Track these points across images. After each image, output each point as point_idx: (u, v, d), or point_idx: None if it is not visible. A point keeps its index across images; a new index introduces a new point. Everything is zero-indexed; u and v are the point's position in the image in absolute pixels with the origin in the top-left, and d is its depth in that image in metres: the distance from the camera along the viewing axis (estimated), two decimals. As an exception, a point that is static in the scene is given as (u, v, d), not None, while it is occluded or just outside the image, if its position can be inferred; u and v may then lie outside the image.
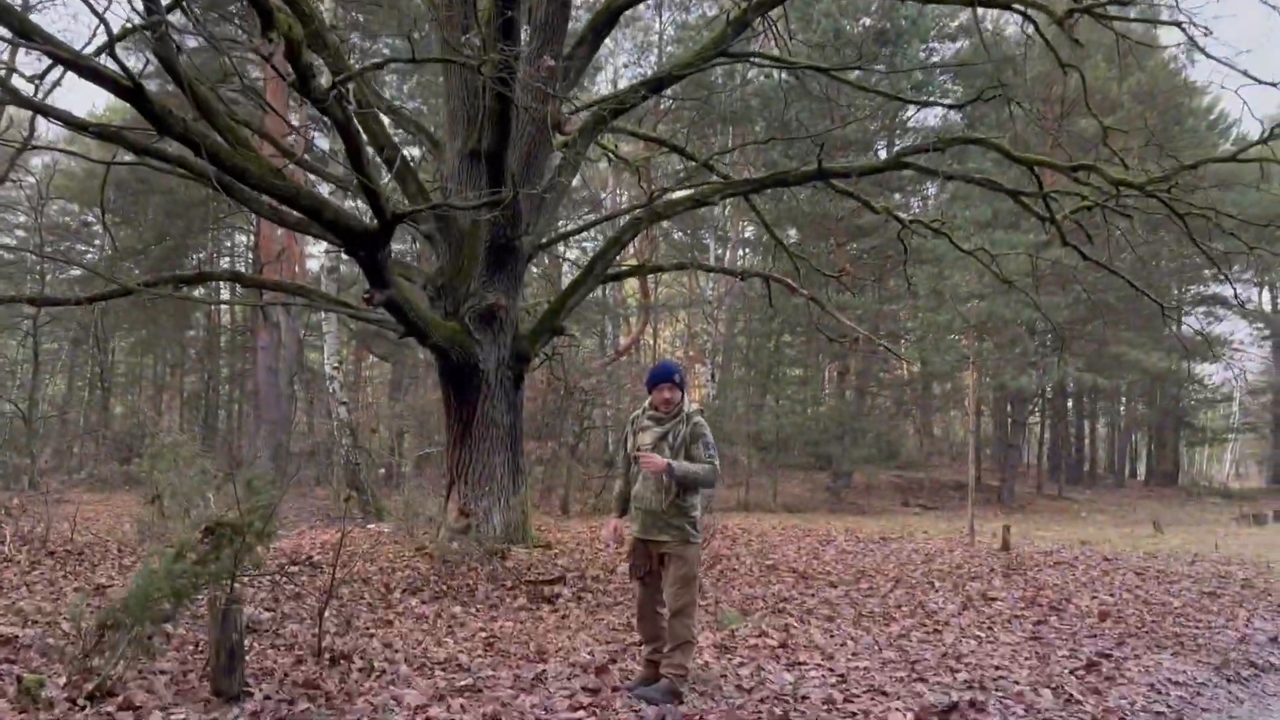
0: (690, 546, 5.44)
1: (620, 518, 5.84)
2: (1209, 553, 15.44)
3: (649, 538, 5.48)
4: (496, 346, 10.73)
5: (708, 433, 5.52)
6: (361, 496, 16.95)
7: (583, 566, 10.44)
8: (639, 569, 5.60)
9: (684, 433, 5.43)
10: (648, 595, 5.62)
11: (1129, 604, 9.43)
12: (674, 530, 5.40)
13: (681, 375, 5.66)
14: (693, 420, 5.48)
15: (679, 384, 5.55)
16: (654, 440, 5.48)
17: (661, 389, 5.50)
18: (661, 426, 5.47)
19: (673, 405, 5.49)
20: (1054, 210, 11.20)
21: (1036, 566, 12.15)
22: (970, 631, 7.79)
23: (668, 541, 5.41)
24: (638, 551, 5.59)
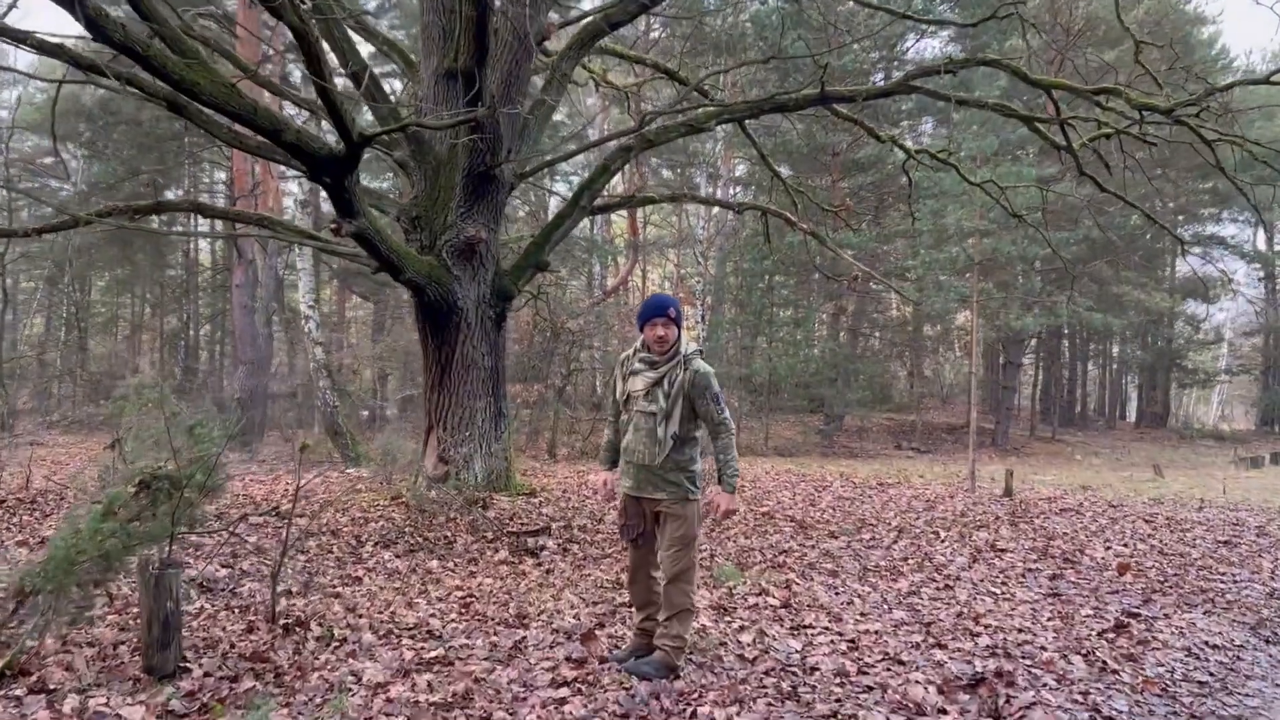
0: (689, 504, 4.80)
1: (610, 470, 5.19)
2: (1215, 498, 15.03)
3: (642, 494, 4.87)
4: (476, 283, 10.04)
5: (714, 383, 4.82)
6: (340, 440, 16.34)
7: (569, 515, 9.87)
8: (631, 529, 4.98)
9: (682, 379, 4.77)
10: (640, 557, 5.03)
11: (1146, 555, 8.93)
12: (670, 486, 4.78)
13: (678, 309, 4.90)
14: (693, 366, 4.78)
15: (675, 319, 4.82)
16: (646, 386, 4.83)
17: (655, 325, 4.79)
18: (655, 370, 4.82)
19: (667, 345, 4.80)
20: (1071, 138, 10.48)
21: (1042, 514, 11.66)
22: (984, 588, 7.26)
23: (663, 499, 4.80)
24: (629, 509, 4.97)
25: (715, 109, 10.65)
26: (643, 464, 4.81)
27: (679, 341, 4.85)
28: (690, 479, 4.81)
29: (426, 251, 9.90)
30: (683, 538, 4.79)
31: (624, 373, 4.99)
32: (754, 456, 20.60)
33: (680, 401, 4.74)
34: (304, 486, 12.09)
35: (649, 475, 4.80)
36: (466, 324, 9.96)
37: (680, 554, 4.79)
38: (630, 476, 4.92)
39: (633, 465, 4.88)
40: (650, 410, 4.79)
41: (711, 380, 4.78)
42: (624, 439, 4.94)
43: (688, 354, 4.83)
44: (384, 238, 8.95)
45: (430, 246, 9.92)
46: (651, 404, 4.77)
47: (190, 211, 9.77)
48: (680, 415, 4.75)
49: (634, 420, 4.87)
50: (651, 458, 4.76)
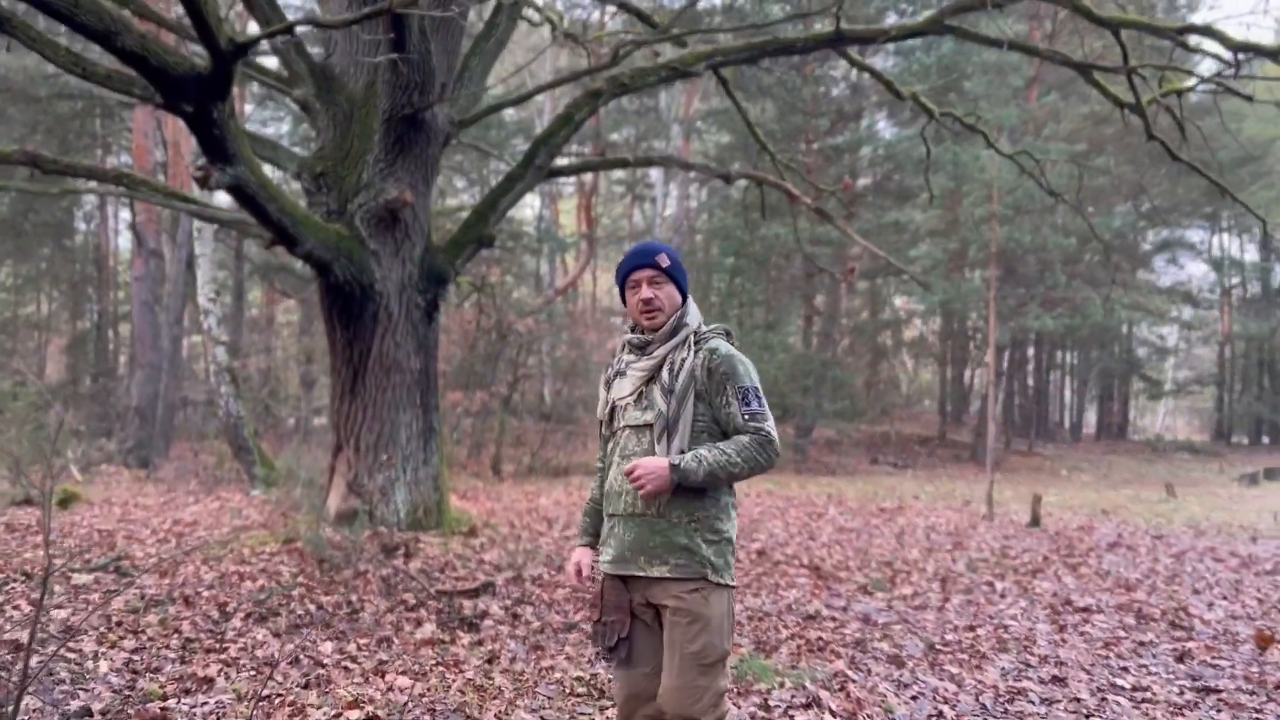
0: (713, 593, 2.79)
1: (589, 546, 3.19)
2: (1247, 522, 13.24)
3: (629, 572, 2.88)
4: (400, 261, 7.76)
5: (743, 368, 2.85)
6: (245, 457, 13.87)
7: (519, 561, 7.62)
8: (609, 633, 2.92)
9: (692, 365, 2.85)
10: (633, 685, 2.92)
11: (1259, 613, 6.93)
12: (679, 556, 2.79)
13: (675, 258, 3.01)
14: (709, 345, 2.88)
15: (671, 273, 2.95)
16: (636, 386, 2.92)
17: (637, 284, 2.95)
18: (647, 358, 2.92)
19: (661, 315, 2.93)
20: (1140, 92, 8.53)
21: (1089, 550, 9.67)
22: (1101, 676, 5.17)
23: (666, 580, 2.80)
24: (609, 599, 2.95)
25: (706, 50, 8.48)
26: (631, 514, 2.85)
27: (684, 310, 2.95)
28: (715, 545, 2.81)
29: (335, 218, 7.60)
30: (699, 655, 2.74)
31: (607, 378, 3.07)
32: (724, 474, 18.51)
33: (690, 401, 2.81)
34: (189, 518, 9.72)
35: (642, 535, 2.82)
36: (387, 313, 7.68)
37: (694, 686, 2.73)
38: (613, 542, 2.93)
39: (618, 520, 2.91)
40: (643, 422, 2.87)
41: (739, 366, 2.83)
42: (607, 481, 2.97)
43: (701, 332, 2.94)
44: (273, 194, 6.64)
45: (340, 211, 7.62)
46: (645, 411, 2.87)
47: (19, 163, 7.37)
48: (692, 426, 2.82)
49: (621, 444, 2.93)
50: (652, 501, 2.78)
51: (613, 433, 2.95)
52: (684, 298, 2.96)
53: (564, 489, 14.88)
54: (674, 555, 2.75)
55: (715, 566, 2.76)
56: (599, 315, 23.54)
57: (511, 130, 18.57)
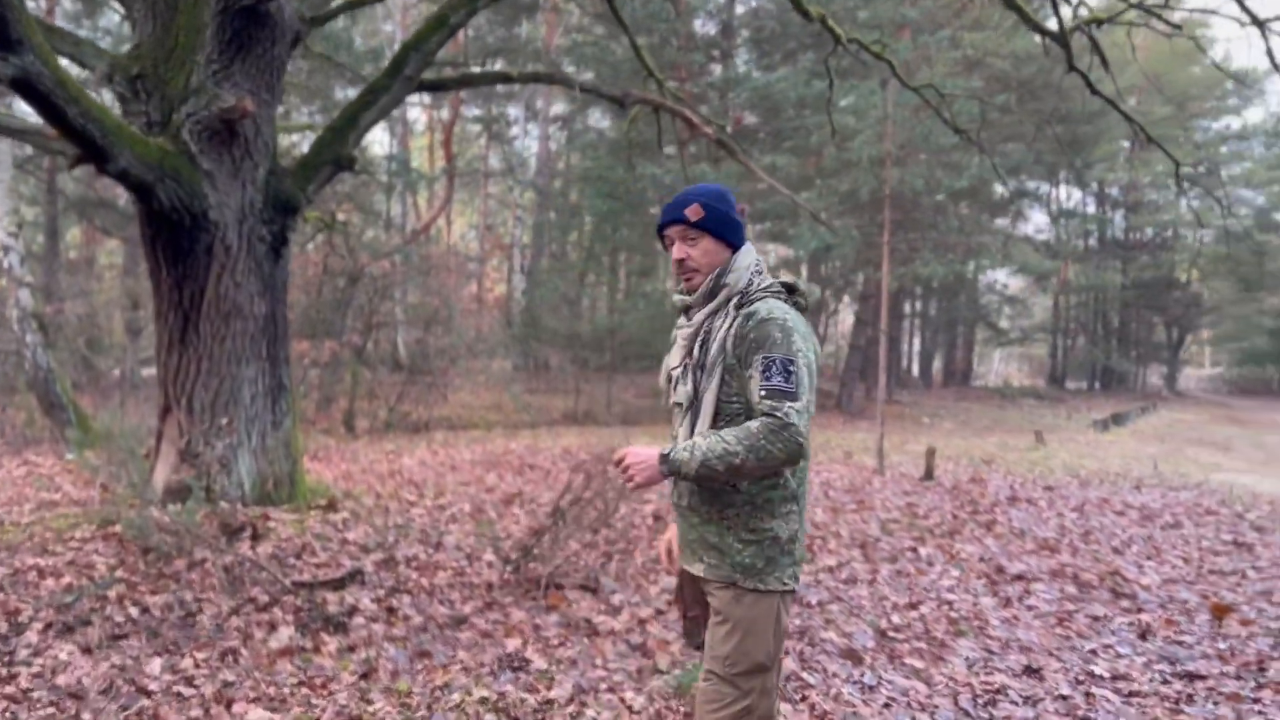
0: (747, 595, 2.49)
1: None
2: (1120, 468, 13.36)
3: (682, 565, 2.75)
4: (240, 184, 6.46)
5: (780, 334, 2.38)
6: (58, 416, 12.13)
7: (390, 541, 6.56)
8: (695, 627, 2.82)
9: (724, 335, 2.46)
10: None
11: (1202, 576, 6.58)
12: (710, 554, 2.55)
13: (715, 207, 2.54)
14: (751, 308, 2.44)
15: (708, 225, 2.53)
16: (681, 357, 2.58)
17: (671, 240, 2.59)
18: (689, 325, 2.58)
19: (698, 275, 2.55)
20: (1064, 18, 7.97)
21: (992, 504, 9.29)
22: (1070, 660, 4.59)
23: (703, 580, 2.60)
24: (688, 590, 2.82)
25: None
26: (679, 505, 2.66)
27: (726, 266, 2.54)
28: (754, 545, 2.49)
29: (157, 130, 6.23)
30: (727, 660, 2.49)
31: (669, 343, 2.72)
32: (596, 426, 17.64)
33: (716, 378, 2.46)
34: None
35: (684, 529, 2.65)
36: (224, 247, 6.39)
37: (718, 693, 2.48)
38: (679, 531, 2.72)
39: (675, 509, 2.71)
40: (677, 400, 2.62)
41: (774, 332, 2.38)
42: None
43: (749, 289, 2.51)
44: (74, 94, 5.26)
45: (163, 123, 6.26)
46: (680, 387, 2.58)
47: None
48: (716, 408, 2.48)
49: (672, 422, 2.69)
50: (685, 493, 2.61)
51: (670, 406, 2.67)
52: (735, 245, 2.55)
53: (427, 447, 13.74)
54: (706, 553, 2.53)
55: (749, 569, 2.46)
56: (459, 259, 22.23)
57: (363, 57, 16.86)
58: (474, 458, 12.21)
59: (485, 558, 6.39)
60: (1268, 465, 15.67)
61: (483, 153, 38.72)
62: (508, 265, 39.68)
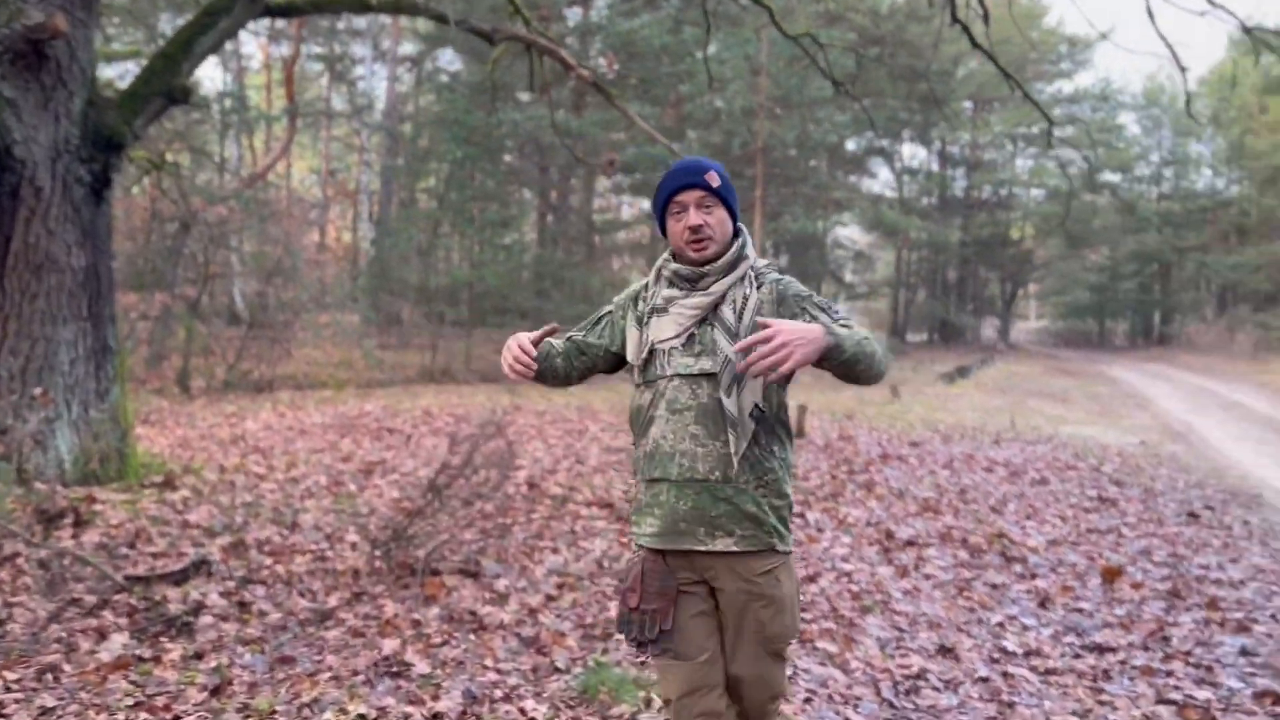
0: (782, 568, 2.39)
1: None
2: (975, 422, 13.70)
3: (680, 546, 2.35)
4: (52, 115, 5.56)
5: (818, 297, 2.37)
6: None
7: (238, 522, 5.89)
8: (647, 624, 2.37)
9: (758, 301, 2.33)
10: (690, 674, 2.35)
11: (1082, 536, 6.63)
12: (745, 525, 2.33)
13: (725, 177, 2.44)
14: (772, 277, 2.41)
15: (721, 194, 2.40)
16: (684, 326, 2.34)
17: (683, 207, 2.38)
18: (701, 294, 2.37)
19: (712, 244, 2.38)
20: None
21: (867, 463, 9.26)
22: (984, 638, 4.44)
23: (730, 554, 2.34)
24: (650, 581, 2.38)
25: None
26: (693, 479, 2.32)
27: (743, 239, 2.45)
28: (779, 509, 2.37)
29: (-57, 48, 5.26)
30: (775, 640, 2.39)
31: (638, 315, 2.45)
32: (455, 385, 16.92)
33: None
34: None
35: (703, 503, 2.31)
36: (34, 189, 5.50)
37: (771, 676, 2.42)
38: (659, 512, 2.37)
39: (667, 486, 2.35)
40: (700, 370, 2.33)
41: (814, 295, 2.37)
42: (646, 439, 2.39)
43: (760, 269, 2.44)
44: None
45: (-49, 40, 5.28)
46: (701, 357, 2.32)
47: None
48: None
49: (665, 396, 2.36)
50: (714, 464, 2.30)
51: (648, 382, 2.39)
52: (736, 222, 2.52)
53: (272, 408, 12.81)
54: (740, 525, 2.32)
55: (782, 535, 2.37)
56: (303, 206, 20.90)
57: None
58: (325, 421, 11.42)
59: (349, 538, 5.81)
60: (1105, 417, 16.44)
61: (325, 94, 36.69)
62: (353, 212, 37.96)
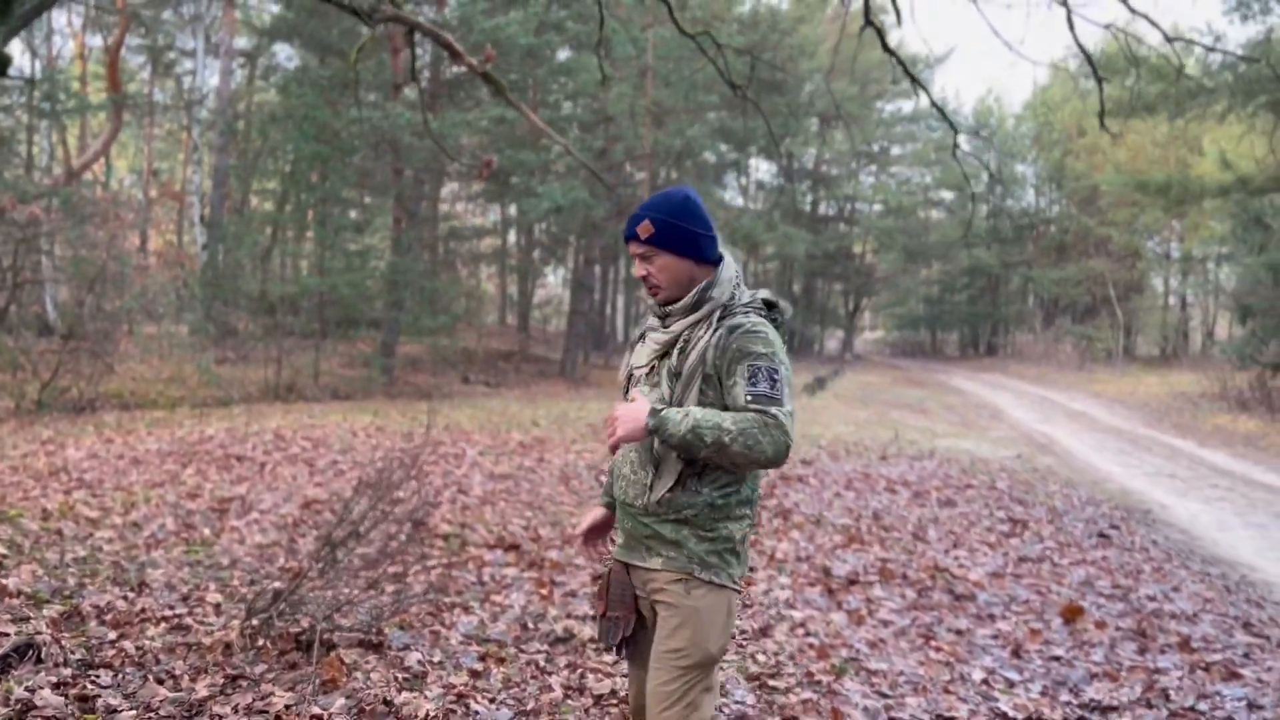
0: (699, 587, 2.38)
1: (609, 505, 2.70)
2: (853, 437, 13.55)
3: (629, 560, 2.52)
4: None
5: (763, 346, 2.31)
6: None
7: (70, 584, 4.82)
8: (611, 630, 2.55)
9: (705, 346, 2.36)
10: (640, 682, 2.55)
11: (1017, 566, 6.29)
12: (668, 549, 2.42)
13: (663, 222, 2.41)
14: (734, 321, 2.37)
15: (657, 241, 2.41)
16: (649, 359, 2.50)
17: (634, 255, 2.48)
18: (665, 332, 2.45)
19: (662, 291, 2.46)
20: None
21: (771, 486, 8.79)
22: (975, 701, 3.95)
23: (657, 572, 2.44)
24: (614, 590, 2.55)
25: None
26: (628, 504, 2.49)
27: (712, 280, 2.45)
28: (709, 542, 2.39)
29: None
30: (678, 653, 2.37)
31: (632, 341, 2.66)
32: (305, 402, 15.57)
33: (695, 387, 2.37)
34: None
35: (637, 526, 2.48)
36: None
37: (667, 691, 2.36)
38: (620, 527, 2.58)
39: (620, 506, 2.55)
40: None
41: (758, 344, 2.31)
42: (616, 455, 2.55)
43: (735, 303, 2.44)
44: None
45: None
46: (653, 389, 2.46)
47: None
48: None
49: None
50: (639, 492, 2.45)
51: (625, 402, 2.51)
52: (703, 260, 2.45)
53: (96, 433, 11.32)
54: (664, 548, 2.42)
55: (706, 563, 2.39)
56: (131, 206, 19.02)
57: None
58: (162, 447, 10.10)
59: (210, 598, 4.85)
60: (969, 428, 16.71)
61: (147, 88, 34.07)
62: (180, 215, 35.38)
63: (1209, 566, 6.81)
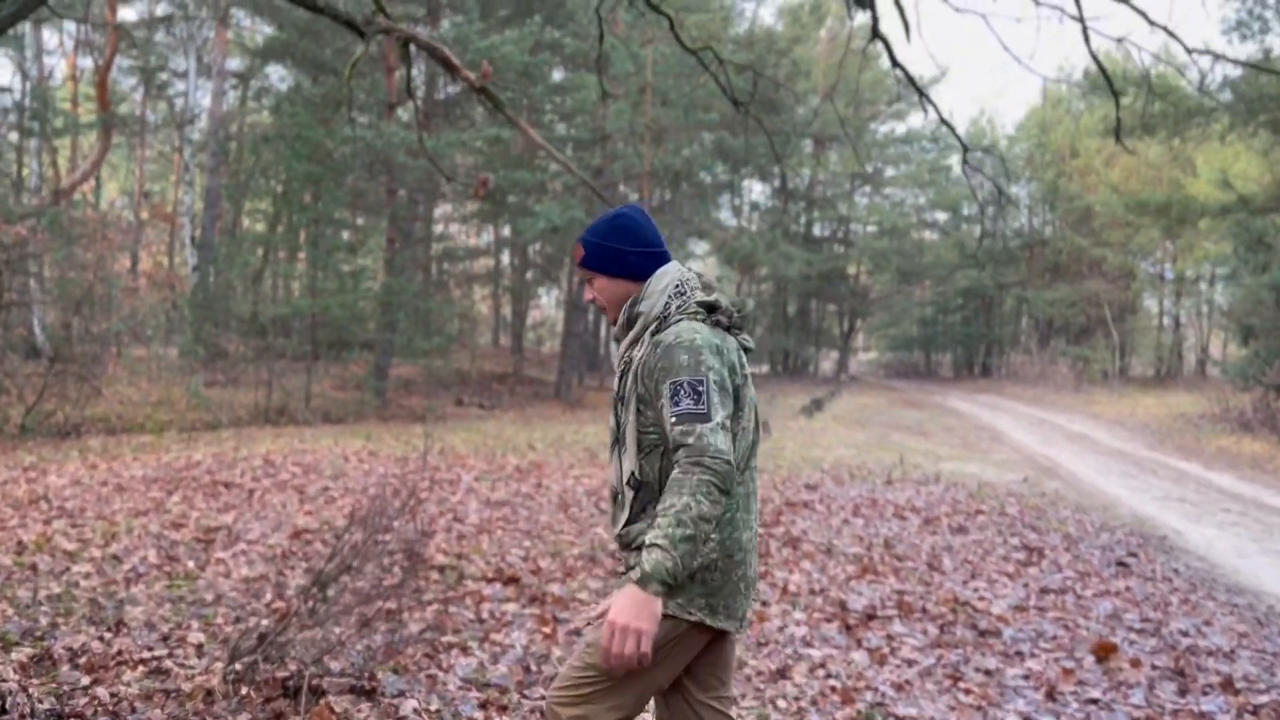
0: None
1: None
2: (854, 460, 13.29)
3: None
4: None
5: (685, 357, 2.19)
6: None
7: (42, 625, 4.53)
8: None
9: (639, 367, 2.31)
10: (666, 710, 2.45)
11: (1039, 598, 6.03)
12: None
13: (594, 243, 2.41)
14: (658, 337, 2.28)
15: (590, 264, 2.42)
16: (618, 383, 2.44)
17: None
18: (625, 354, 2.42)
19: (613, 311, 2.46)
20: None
21: (778, 513, 8.52)
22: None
23: None
24: None
25: None
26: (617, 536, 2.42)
27: (641, 295, 2.38)
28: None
29: None
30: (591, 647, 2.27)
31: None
32: (296, 426, 15.27)
33: (632, 409, 2.31)
34: None
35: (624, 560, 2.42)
36: None
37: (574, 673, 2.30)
38: None
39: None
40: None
41: (679, 355, 2.19)
42: None
43: (670, 314, 2.33)
44: None
45: None
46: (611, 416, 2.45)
47: None
48: (638, 442, 2.31)
49: None
50: (609, 525, 2.86)
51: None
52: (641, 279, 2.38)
53: (81, 459, 11.02)
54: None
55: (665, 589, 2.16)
56: (121, 227, 18.74)
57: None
58: (147, 473, 9.80)
59: (192, 638, 4.56)
60: (971, 451, 16.44)
61: (138, 109, 33.82)
62: (171, 236, 35.05)
63: (1234, 596, 6.56)
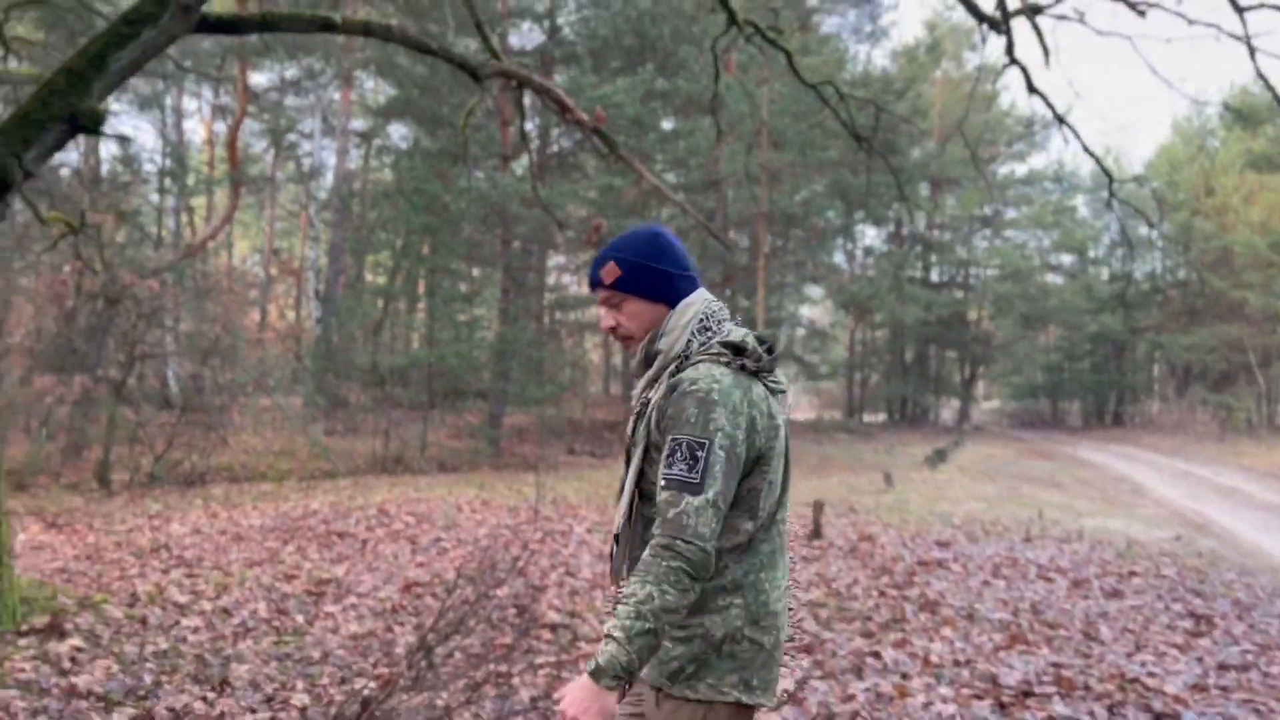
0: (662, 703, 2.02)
1: None
2: (985, 514, 12.50)
3: None
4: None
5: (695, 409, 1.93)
6: None
7: (146, 682, 4.37)
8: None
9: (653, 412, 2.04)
10: None
11: (1216, 675, 5.35)
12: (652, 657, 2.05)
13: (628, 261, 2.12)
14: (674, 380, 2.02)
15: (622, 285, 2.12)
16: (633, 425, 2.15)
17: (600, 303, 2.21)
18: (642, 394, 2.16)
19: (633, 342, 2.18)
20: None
21: (910, 574, 7.95)
22: None
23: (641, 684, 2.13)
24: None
25: None
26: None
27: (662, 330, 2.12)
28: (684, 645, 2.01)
29: None
30: None
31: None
32: (412, 475, 15.32)
33: (639, 456, 2.07)
34: None
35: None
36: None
37: None
38: None
39: None
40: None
41: (690, 407, 1.94)
42: None
43: (688, 352, 2.09)
44: None
45: None
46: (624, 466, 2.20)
47: None
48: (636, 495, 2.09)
49: None
50: (614, 573, 2.17)
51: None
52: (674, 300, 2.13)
53: (204, 507, 11.17)
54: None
55: (675, 674, 2.00)
56: (250, 281, 19.38)
57: None
58: (265, 522, 9.84)
59: (295, 699, 4.34)
60: (1112, 506, 15.39)
61: (269, 170, 35.33)
62: (297, 290, 36.33)
63: None
